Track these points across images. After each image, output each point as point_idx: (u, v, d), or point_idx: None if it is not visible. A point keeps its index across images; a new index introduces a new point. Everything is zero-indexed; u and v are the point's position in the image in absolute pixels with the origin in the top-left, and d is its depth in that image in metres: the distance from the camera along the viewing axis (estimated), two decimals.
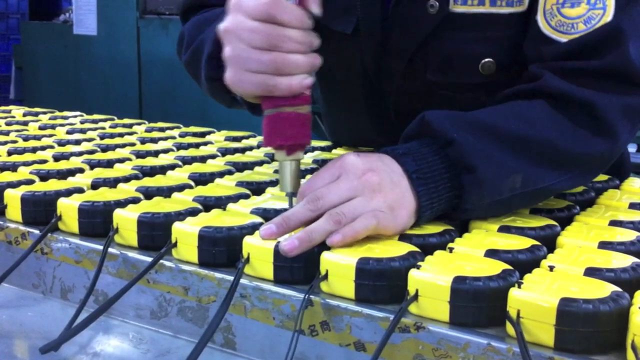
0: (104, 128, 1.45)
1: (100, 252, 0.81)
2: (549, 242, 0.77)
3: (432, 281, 0.63)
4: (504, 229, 0.79)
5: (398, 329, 0.63)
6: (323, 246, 0.71)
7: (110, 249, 0.80)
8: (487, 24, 0.96)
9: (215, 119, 3.63)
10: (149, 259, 0.78)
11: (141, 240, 0.81)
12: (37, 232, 0.87)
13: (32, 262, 0.86)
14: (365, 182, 0.75)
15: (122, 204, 0.86)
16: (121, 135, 1.37)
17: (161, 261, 0.77)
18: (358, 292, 0.67)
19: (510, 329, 0.61)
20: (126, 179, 1.00)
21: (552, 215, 0.86)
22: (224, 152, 1.25)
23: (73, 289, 0.84)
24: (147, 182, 0.98)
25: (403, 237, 0.75)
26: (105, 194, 0.89)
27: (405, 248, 0.71)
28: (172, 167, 1.09)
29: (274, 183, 0.98)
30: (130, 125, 1.50)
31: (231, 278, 0.73)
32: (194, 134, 1.42)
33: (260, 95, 0.79)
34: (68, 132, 1.39)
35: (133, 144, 1.28)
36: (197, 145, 1.29)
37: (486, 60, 0.99)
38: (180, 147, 1.27)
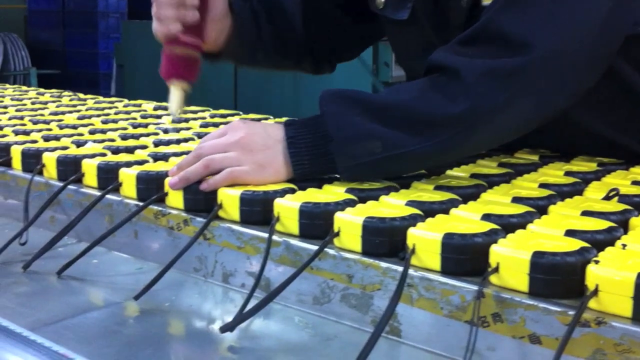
0: (204, 118, 1.51)
1: (261, 238, 0.85)
2: None
3: (613, 277, 0.63)
4: None
5: (577, 323, 0.63)
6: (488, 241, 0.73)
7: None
8: None
9: (308, 111, 3.67)
10: (311, 247, 0.81)
11: (302, 228, 0.84)
12: (199, 218, 0.91)
13: (193, 247, 0.89)
14: (239, 141, 0.94)
15: (279, 193, 0.89)
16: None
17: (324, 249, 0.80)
18: (532, 286, 0.68)
19: None
20: None
21: None
22: None
23: (234, 273, 0.88)
24: None
25: (569, 233, 0.75)
26: (263, 185, 0.92)
27: (576, 243, 0.70)
28: None
29: (418, 176, 0.99)
30: (224, 116, 1.56)
31: (396, 267, 0.75)
32: None
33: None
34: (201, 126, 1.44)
35: None
36: None
37: None
38: None
